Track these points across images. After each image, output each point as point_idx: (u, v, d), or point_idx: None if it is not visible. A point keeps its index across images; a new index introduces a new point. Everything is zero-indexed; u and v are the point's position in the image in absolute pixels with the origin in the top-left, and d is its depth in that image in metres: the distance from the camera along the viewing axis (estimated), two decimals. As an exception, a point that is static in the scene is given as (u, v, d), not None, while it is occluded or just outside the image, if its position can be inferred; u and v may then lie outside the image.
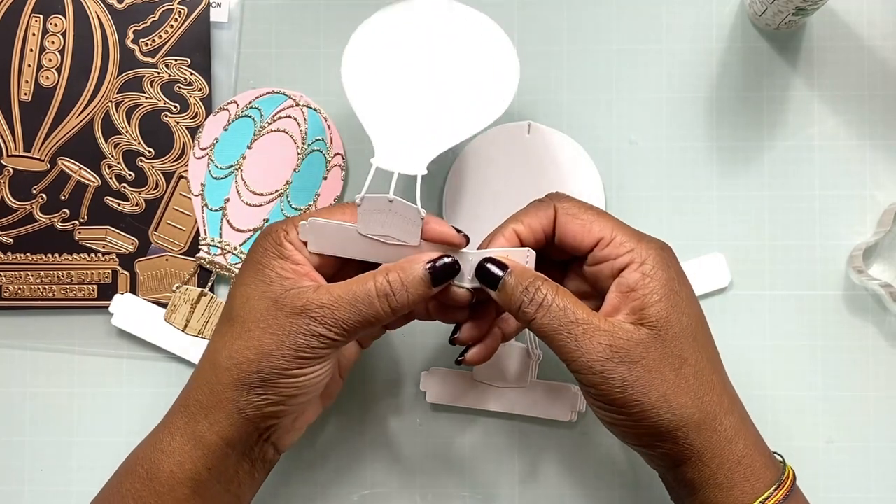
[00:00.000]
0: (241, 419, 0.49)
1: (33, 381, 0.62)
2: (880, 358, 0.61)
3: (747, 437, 0.49)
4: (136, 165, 0.62)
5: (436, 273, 0.49)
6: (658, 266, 0.49)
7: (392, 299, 0.48)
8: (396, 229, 0.49)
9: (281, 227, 0.50)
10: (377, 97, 0.53)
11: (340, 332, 0.48)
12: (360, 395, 0.62)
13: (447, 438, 0.61)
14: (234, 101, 0.62)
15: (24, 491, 0.62)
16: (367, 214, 0.49)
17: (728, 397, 0.49)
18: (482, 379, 0.60)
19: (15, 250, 0.62)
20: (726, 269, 0.61)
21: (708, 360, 0.49)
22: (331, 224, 0.50)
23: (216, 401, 0.49)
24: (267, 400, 0.48)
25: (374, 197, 0.49)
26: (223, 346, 0.49)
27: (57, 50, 0.62)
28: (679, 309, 0.48)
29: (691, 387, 0.48)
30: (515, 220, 0.51)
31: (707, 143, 0.62)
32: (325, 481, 0.62)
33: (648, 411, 0.47)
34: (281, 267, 0.49)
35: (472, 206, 0.61)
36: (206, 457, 0.49)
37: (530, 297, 0.48)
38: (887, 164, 0.61)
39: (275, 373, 0.48)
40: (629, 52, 0.62)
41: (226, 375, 0.48)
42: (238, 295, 0.50)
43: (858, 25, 0.62)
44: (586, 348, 0.47)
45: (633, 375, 0.47)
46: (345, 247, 0.50)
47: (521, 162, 0.61)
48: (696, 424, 0.47)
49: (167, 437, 0.50)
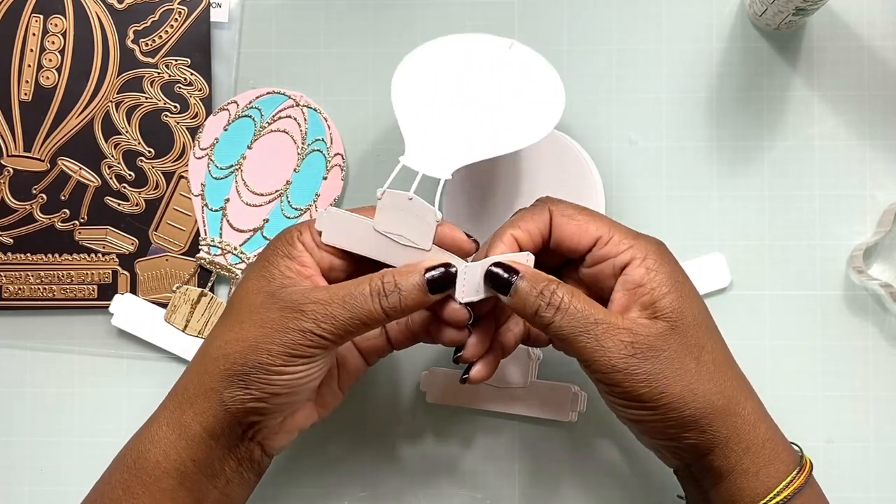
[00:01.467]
0: (224, 411, 0.49)
1: (33, 381, 0.62)
2: (880, 358, 0.61)
3: (767, 420, 0.49)
4: (137, 165, 0.62)
5: (433, 281, 0.48)
6: (660, 260, 0.49)
7: (385, 300, 0.48)
8: (411, 229, 0.49)
9: (296, 228, 0.51)
10: (419, 99, 0.54)
11: (330, 330, 0.47)
12: (361, 394, 0.62)
13: (447, 438, 0.61)
14: (235, 101, 0.62)
15: (24, 491, 0.62)
16: (385, 210, 0.49)
17: (745, 382, 0.50)
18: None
19: (15, 250, 0.62)
20: (726, 269, 0.61)
21: (721, 347, 0.50)
22: (348, 215, 0.50)
23: (202, 391, 0.49)
24: (249, 395, 0.48)
25: (396, 193, 0.49)
26: (215, 336, 0.50)
27: (57, 50, 0.62)
28: (689, 299, 0.49)
29: (712, 374, 0.48)
30: (512, 225, 0.51)
31: (707, 143, 0.62)
32: (325, 481, 0.62)
33: (675, 402, 0.47)
34: (286, 266, 0.49)
35: (472, 206, 0.61)
36: (189, 447, 0.49)
37: (547, 301, 0.48)
38: (887, 164, 0.61)
39: (259, 366, 0.48)
40: (629, 52, 0.62)
41: (213, 365, 0.49)
42: (240, 289, 0.50)
43: (858, 25, 0.62)
44: (608, 347, 0.47)
45: (656, 369, 0.47)
46: (358, 242, 0.50)
47: (520, 162, 0.61)
48: (722, 410, 0.48)
49: (154, 426, 0.50)
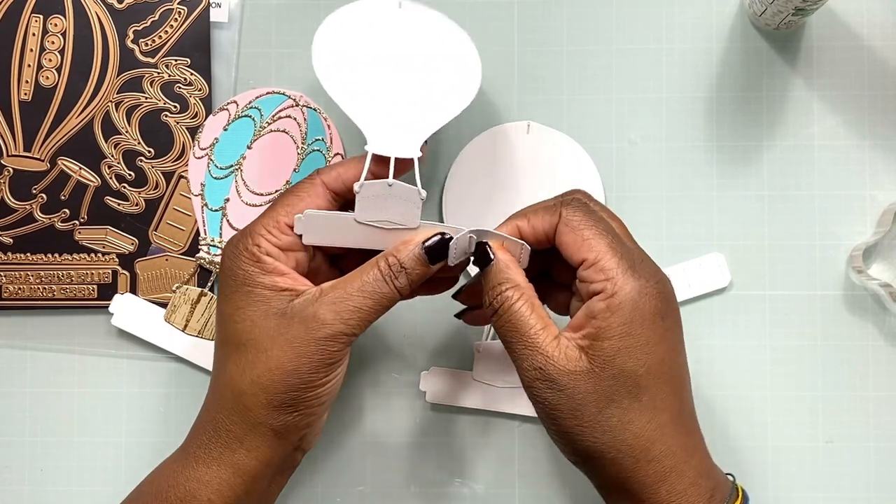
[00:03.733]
0: (277, 440, 0.49)
1: (33, 381, 0.62)
2: (880, 358, 0.61)
3: (670, 487, 0.47)
4: (136, 165, 0.62)
5: (431, 251, 0.49)
6: (627, 304, 0.47)
7: (396, 281, 0.48)
8: (396, 213, 0.50)
9: (251, 243, 0.49)
10: (355, 87, 0.53)
11: (357, 324, 0.48)
12: (360, 394, 0.62)
13: (447, 438, 0.61)
14: (234, 101, 0.62)
15: (24, 491, 0.62)
16: (365, 201, 0.49)
17: (694, 440, 0.49)
18: (482, 379, 0.60)
19: (15, 250, 0.62)
20: (726, 270, 0.61)
21: (649, 412, 0.47)
22: (328, 214, 0.50)
23: (249, 427, 0.48)
24: (301, 415, 0.48)
25: (374, 182, 0.49)
26: (242, 373, 0.48)
27: (57, 50, 0.62)
28: (631, 354, 0.46)
29: (609, 428, 0.47)
30: (522, 215, 0.51)
31: (707, 143, 0.62)
32: (325, 481, 0.62)
33: (564, 433, 0.47)
34: (271, 282, 0.49)
35: (472, 206, 0.61)
36: (245, 483, 0.49)
37: (492, 298, 0.49)
38: (887, 164, 0.61)
39: (303, 388, 0.48)
40: (629, 52, 0.62)
41: (253, 401, 0.48)
42: (238, 320, 0.49)
43: (858, 25, 0.62)
44: (525, 364, 0.47)
45: (554, 399, 0.47)
46: (341, 236, 0.50)
47: (520, 162, 0.61)
48: (610, 461, 0.47)
49: (202, 468, 0.49)
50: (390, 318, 0.61)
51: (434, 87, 0.54)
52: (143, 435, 0.62)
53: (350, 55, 0.54)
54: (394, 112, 0.53)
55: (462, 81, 0.55)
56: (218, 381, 0.50)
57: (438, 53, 0.55)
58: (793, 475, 0.60)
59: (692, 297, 0.61)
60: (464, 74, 0.55)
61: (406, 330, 0.62)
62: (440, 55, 0.55)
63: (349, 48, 0.54)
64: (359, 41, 0.55)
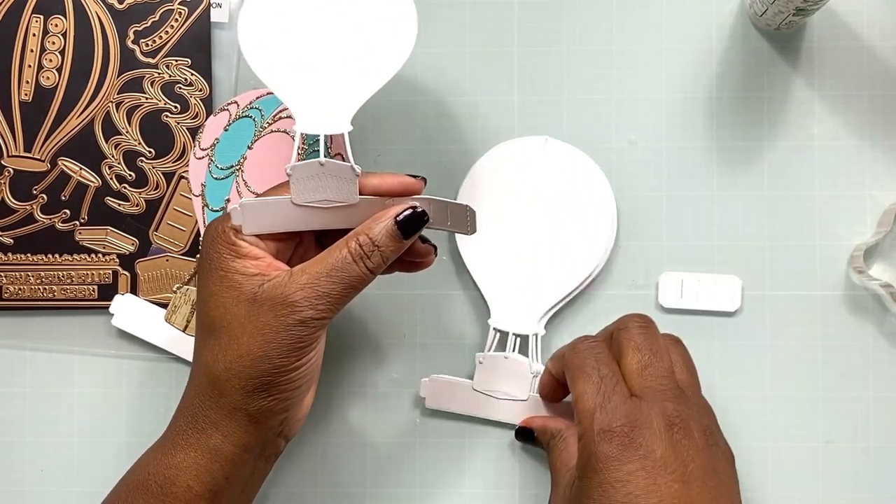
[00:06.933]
0: (254, 424, 0.49)
1: (33, 381, 0.62)
2: (880, 358, 0.61)
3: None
4: (137, 166, 0.62)
5: (403, 225, 0.49)
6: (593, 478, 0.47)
7: (368, 262, 0.48)
8: (332, 191, 0.49)
9: (228, 227, 0.50)
10: (281, 64, 0.52)
11: (327, 308, 0.47)
12: (360, 400, 0.62)
13: (446, 441, 0.61)
14: (235, 101, 0.62)
15: (24, 491, 0.62)
16: (299, 183, 0.49)
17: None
18: (482, 389, 0.60)
19: (15, 251, 0.62)
20: (738, 296, 0.60)
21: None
22: (262, 201, 0.49)
23: (224, 413, 0.49)
24: (274, 399, 0.48)
25: (305, 163, 0.49)
26: (216, 359, 0.49)
27: (57, 50, 0.62)
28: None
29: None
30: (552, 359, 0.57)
31: (707, 143, 0.62)
32: (325, 484, 0.61)
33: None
34: (243, 266, 0.49)
35: (486, 219, 0.60)
36: (223, 468, 0.49)
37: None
38: (887, 164, 0.61)
39: (275, 372, 0.48)
40: (629, 52, 0.62)
41: (227, 387, 0.48)
42: (213, 306, 0.49)
43: (858, 25, 0.62)
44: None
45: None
46: (282, 221, 0.50)
47: (536, 176, 0.60)
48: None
49: (180, 454, 0.49)
50: (390, 318, 0.61)
51: (362, 55, 0.52)
52: (143, 435, 0.62)
53: (275, 30, 0.53)
54: (321, 87, 0.52)
55: (393, 44, 0.52)
56: (195, 367, 0.50)
57: (367, 17, 0.53)
58: (793, 475, 0.60)
59: (696, 309, 0.61)
60: (395, 35, 0.52)
61: (407, 336, 0.62)
62: (369, 18, 0.53)
63: (274, 23, 0.53)
64: (284, 15, 0.53)
